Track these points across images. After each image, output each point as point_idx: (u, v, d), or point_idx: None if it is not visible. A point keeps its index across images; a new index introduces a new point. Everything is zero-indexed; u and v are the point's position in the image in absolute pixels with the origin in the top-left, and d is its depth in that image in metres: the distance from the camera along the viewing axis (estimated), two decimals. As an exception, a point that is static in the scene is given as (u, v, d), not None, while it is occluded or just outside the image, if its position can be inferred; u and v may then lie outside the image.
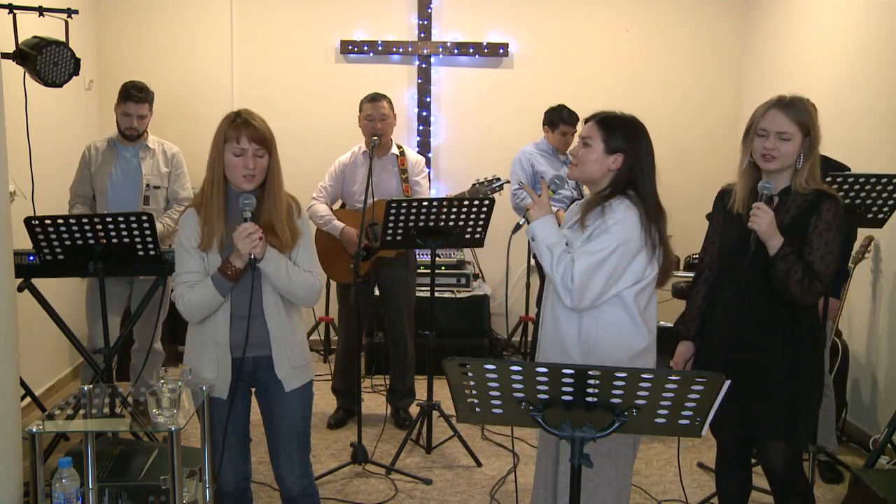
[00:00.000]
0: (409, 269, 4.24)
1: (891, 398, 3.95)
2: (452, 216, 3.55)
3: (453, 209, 3.54)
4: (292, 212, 2.44)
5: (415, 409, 4.19)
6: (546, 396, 1.71)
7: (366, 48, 5.60)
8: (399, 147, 4.23)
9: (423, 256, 4.79)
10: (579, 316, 2.30)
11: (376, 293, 4.28)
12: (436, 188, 5.72)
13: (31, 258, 3.18)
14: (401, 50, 5.65)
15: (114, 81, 4.02)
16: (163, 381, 2.21)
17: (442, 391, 4.44)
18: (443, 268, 5.29)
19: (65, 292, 4.40)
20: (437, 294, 3.88)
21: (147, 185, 3.97)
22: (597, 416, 1.72)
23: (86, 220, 3.02)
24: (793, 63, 5.10)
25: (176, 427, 2.16)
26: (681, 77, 5.80)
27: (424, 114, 5.69)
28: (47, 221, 2.98)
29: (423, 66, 5.66)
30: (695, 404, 1.67)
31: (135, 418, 2.40)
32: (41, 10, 3.32)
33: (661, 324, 5.25)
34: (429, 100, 5.69)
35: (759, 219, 2.31)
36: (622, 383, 1.64)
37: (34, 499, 2.21)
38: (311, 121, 5.61)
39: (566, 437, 1.74)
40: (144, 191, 3.96)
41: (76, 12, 3.46)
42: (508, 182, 4.10)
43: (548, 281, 2.36)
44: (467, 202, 3.55)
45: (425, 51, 5.64)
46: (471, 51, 5.65)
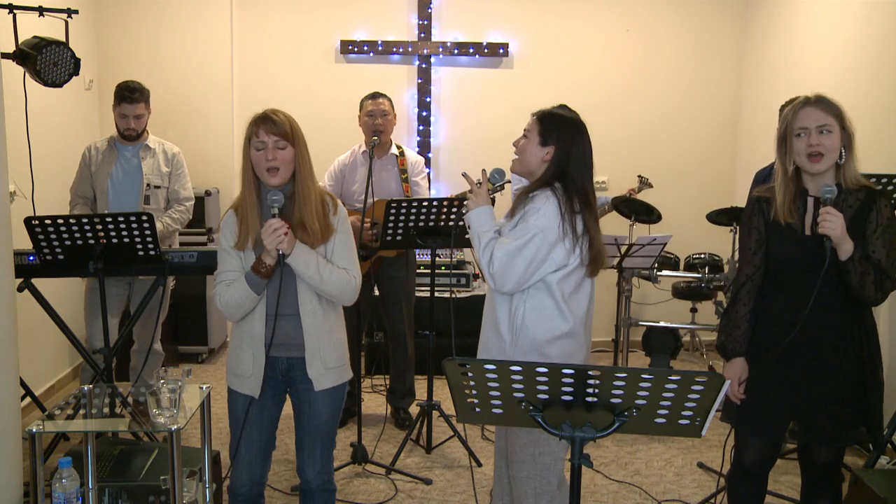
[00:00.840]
0: (409, 269, 4.24)
1: (891, 398, 3.94)
2: (452, 216, 3.55)
3: (453, 209, 3.54)
4: (327, 208, 2.45)
5: (415, 409, 4.19)
6: (546, 396, 1.71)
7: (366, 48, 5.60)
8: (399, 147, 4.23)
9: (423, 256, 4.79)
10: (510, 298, 2.42)
11: (376, 293, 4.29)
12: (436, 188, 5.72)
13: (31, 258, 3.18)
14: (401, 50, 5.65)
15: (114, 81, 4.01)
16: (163, 381, 2.21)
17: (442, 391, 4.44)
18: (443, 268, 5.29)
19: (64, 292, 4.40)
20: (436, 294, 3.88)
21: (147, 185, 3.96)
22: (597, 415, 1.72)
23: (86, 220, 3.02)
24: (793, 63, 5.10)
25: (176, 427, 2.16)
26: (681, 77, 5.79)
27: (424, 114, 5.69)
28: (47, 221, 2.98)
29: (423, 66, 5.66)
30: (695, 404, 1.67)
31: (135, 418, 2.40)
32: (41, 10, 3.32)
33: (662, 324, 5.25)
34: (429, 100, 5.69)
35: (832, 223, 2.23)
36: (622, 383, 1.64)
37: (34, 499, 2.21)
38: (310, 121, 5.48)
39: (566, 437, 1.74)
40: (145, 190, 3.95)
41: (76, 12, 3.46)
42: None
43: None
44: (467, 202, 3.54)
45: (425, 51, 5.64)
46: (471, 51, 5.65)
